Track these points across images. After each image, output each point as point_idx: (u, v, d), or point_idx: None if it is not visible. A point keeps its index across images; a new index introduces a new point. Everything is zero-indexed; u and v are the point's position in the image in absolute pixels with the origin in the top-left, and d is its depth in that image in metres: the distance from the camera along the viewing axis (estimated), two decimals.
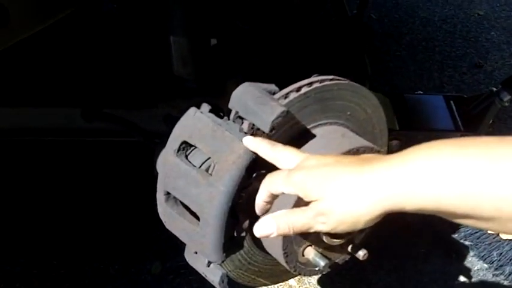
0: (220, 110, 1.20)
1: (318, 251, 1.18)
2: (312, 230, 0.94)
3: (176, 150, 1.14)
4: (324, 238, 1.14)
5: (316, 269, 1.21)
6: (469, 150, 0.79)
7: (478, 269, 2.30)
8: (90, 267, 2.19)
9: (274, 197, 1.01)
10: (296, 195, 0.98)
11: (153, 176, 1.25)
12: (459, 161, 0.78)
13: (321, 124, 1.21)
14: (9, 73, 1.84)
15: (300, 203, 1.00)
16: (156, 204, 1.22)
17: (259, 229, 0.96)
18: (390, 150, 1.47)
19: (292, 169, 0.96)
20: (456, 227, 2.34)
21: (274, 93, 1.15)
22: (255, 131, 1.09)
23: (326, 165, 0.92)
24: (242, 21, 1.69)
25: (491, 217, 0.77)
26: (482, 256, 2.31)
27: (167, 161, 1.16)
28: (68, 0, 1.36)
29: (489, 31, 3.75)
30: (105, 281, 2.16)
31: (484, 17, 3.89)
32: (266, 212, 1.05)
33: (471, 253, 2.33)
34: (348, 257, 1.27)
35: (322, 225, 0.90)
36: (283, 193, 0.97)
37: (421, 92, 3.03)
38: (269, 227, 0.95)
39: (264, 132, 1.08)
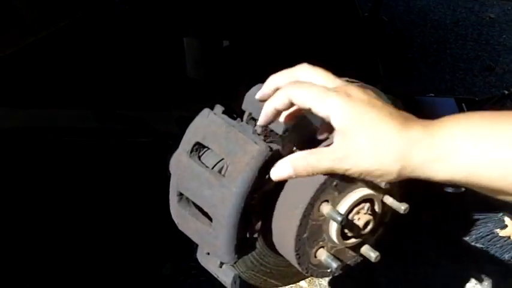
0: (234, 111, 1.20)
1: (330, 253, 1.17)
2: (333, 172, 0.86)
3: (189, 152, 1.14)
4: (336, 239, 1.14)
5: (328, 270, 1.20)
6: (503, 119, 0.80)
7: (489, 272, 2.29)
8: (101, 268, 2.20)
9: (290, 107, 0.90)
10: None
11: (165, 177, 1.25)
12: (495, 129, 0.79)
13: None
14: (23, 74, 1.85)
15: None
16: (167, 205, 1.22)
17: (275, 171, 0.92)
18: None
19: (331, 88, 0.85)
20: (467, 230, 2.34)
21: None
22: (268, 133, 1.09)
23: (369, 102, 0.83)
24: (254, 23, 1.69)
25: None
26: (494, 259, 2.30)
27: (180, 162, 1.16)
28: (80, 2, 1.37)
29: (501, 34, 3.75)
30: (116, 282, 2.16)
31: (495, 20, 3.89)
32: (269, 122, 0.98)
33: (483, 256, 2.33)
34: (360, 258, 1.27)
35: (346, 164, 0.83)
36: (308, 110, 0.87)
37: (433, 95, 3.02)
38: (285, 168, 0.89)
39: (277, 134, 1.08)
